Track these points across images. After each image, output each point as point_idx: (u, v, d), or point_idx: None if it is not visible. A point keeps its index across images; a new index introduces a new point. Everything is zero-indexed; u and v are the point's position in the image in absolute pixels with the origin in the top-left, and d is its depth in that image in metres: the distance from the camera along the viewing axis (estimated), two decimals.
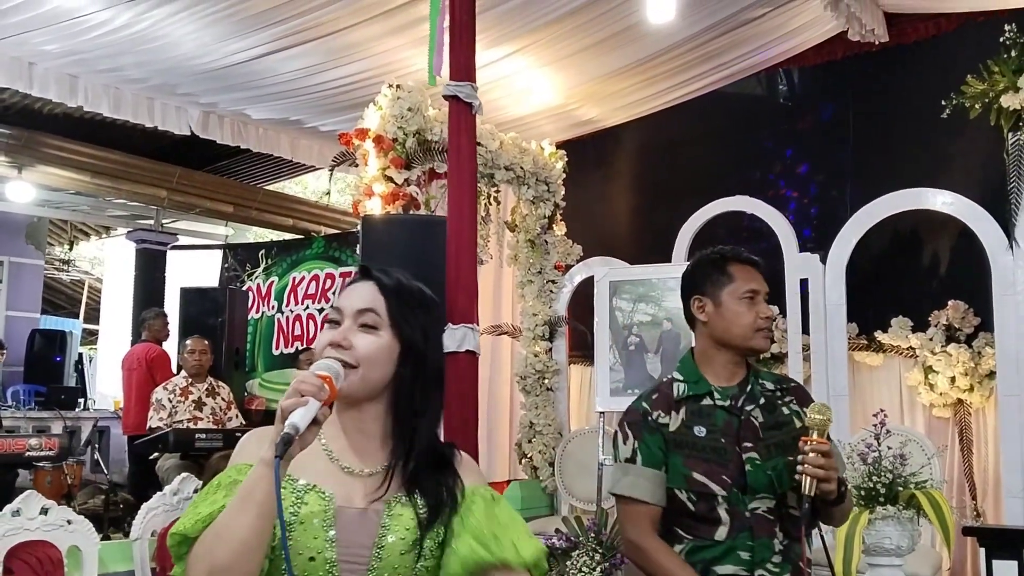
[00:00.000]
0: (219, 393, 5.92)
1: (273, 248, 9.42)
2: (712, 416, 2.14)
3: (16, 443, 4.23)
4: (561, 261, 6.29)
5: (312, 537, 1.42)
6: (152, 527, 3.62)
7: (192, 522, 1.37)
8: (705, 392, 2.17)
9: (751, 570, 2.06)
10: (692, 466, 2.11)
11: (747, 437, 2.11)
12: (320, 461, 1.49)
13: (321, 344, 1.50)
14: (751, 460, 2.08)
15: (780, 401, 2.18)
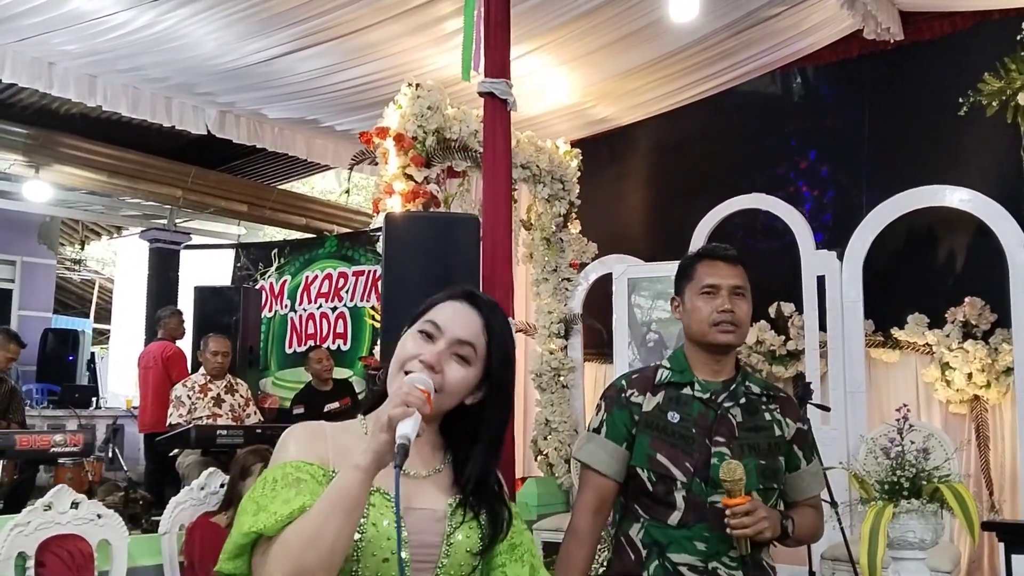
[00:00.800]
0: (237, 390, 5.95)
1: (286, 247, 9.44)
2: (689, 405, 2.16)
3: (41, 439, 4.26)
4: (576, 259, 6.32)
5: (385, 538, 1.43)
6: (180, 521, 3.66)
7: (272, 522, 1.36)
8: (687, 382, 2.19)
9: (706, 561, 2.07)
10: (657, 448, 2.12)
11: (720, 432, 2.12)
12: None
13: (409, 354, 1.50)
14: (719, 454, 2.09)
15: (764, 407, 2.19)
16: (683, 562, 2.09)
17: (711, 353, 2.19)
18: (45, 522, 3.29)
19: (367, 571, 1.42)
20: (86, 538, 3.38)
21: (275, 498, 1.40)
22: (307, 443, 1.47)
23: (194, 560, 3.48)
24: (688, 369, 2.21)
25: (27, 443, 4.19)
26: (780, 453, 2.16)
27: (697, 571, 2.08)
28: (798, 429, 2.21)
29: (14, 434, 4.34)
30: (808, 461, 2.22)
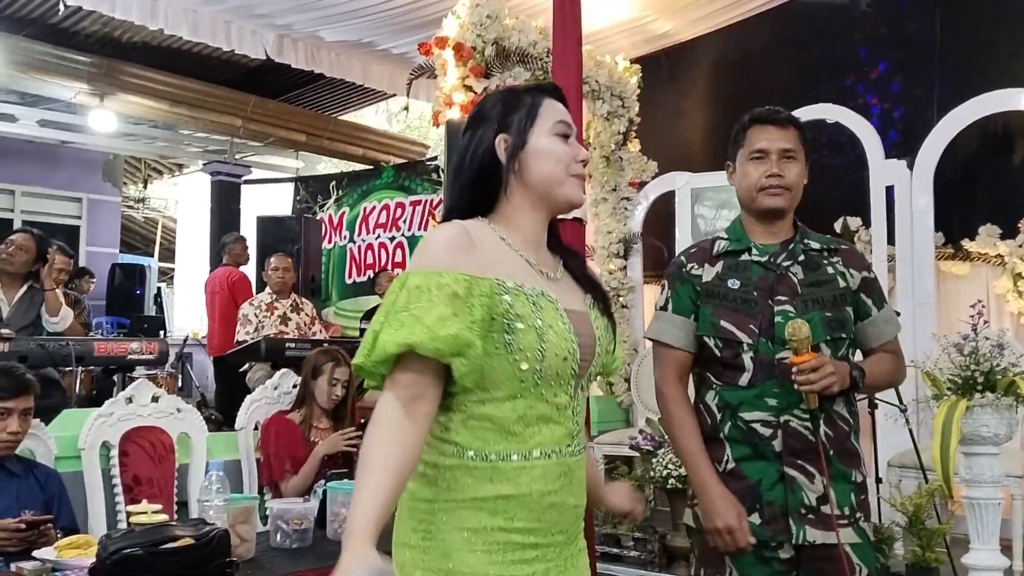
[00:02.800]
0: (303, 309, 6.06)
1: (344, 179, 9.52)
2: (748, 271, 2.17)
3: (119, 346, 4.37)
4: (636, 178, 6.26)
5: (563, 339, 1.50)
6: (255, 419, 3.76)
7: (428, 339, 1.39)
8: (744, 248, 2.20)
9: (777, 415, 2.10)
10: (721, 315, 2.16)
11: (781, 291, 2.14)
12: (524, 268, 1.55)
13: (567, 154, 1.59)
14: (783, 312, 2.11)
15: (826, 261, 2.20)
16: (755, 419, 2.13)
17: (764, 218, 2.21)
18: (127, 414, 3.41)
19: (550, 370, 1.49)
20: (167, 430, 3.50)
21: (430, 311, 1.41)
22: (461, 253, 1.47)
23: (269, 455, 3.57)
24: (744, 237, 2.22)
25: (105, 350, 4.31)
26: (847, 304, 2.17)
27: (770, 426, 2.12)
28: (863, 278, 2.21)
29: (92, 340, 4.47)
30: (879, 307, 2.22)
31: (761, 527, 2.11)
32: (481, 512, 1.47)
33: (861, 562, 2.11)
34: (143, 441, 3.43)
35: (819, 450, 2.08)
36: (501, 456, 1.47)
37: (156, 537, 2.00)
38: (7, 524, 2.56)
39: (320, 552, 2.46)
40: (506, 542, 1.47)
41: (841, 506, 2.10)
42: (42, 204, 10.75)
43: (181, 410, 3.57)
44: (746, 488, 2.13)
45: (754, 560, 2.13)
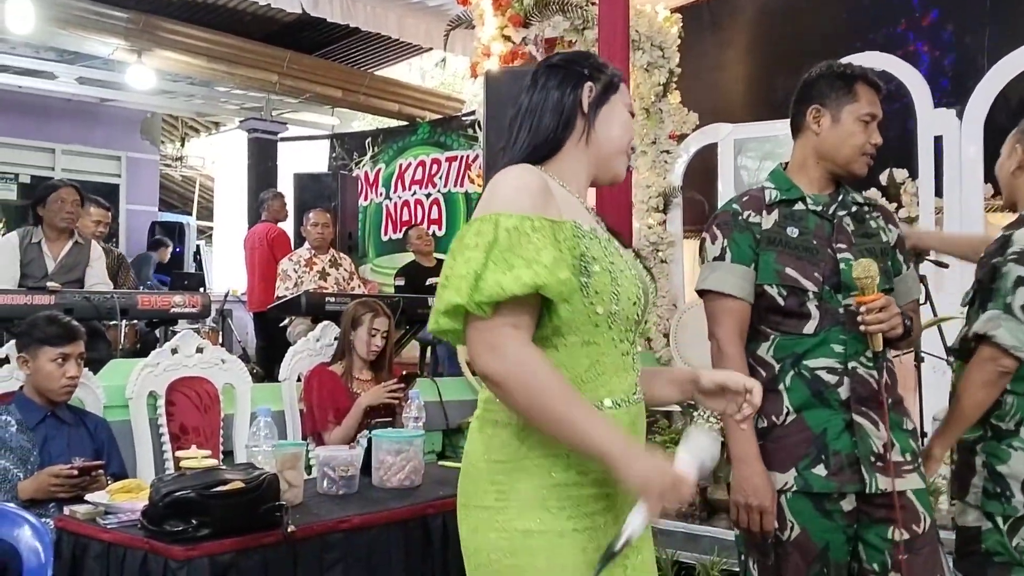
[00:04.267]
0: (341, 264, 6.08)
1: (379, 136, 9.49)
2: (804, 220, 2.15)
3: (162, 299, 4.41)
4: (676, 130, 6.16)
5: (632, 284, 1.52)
6: (298, 371, 3.79)
7: (555, 280, 1.39)
8: (797, 197, 2.17)
9: (845, 362, 2.08)
10: (784, 262, 2.12)
11: (840, 239, 2.14)
12: (587, 215, 1.56)
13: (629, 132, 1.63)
14: (845, 259, 2.10)
15: (868, 216, 2.21)
16: (821, 366, 2.09)
17: (831, 175, 2.18)
18: (172, 364, 3.45)
19: (622, 314, 1.50)
20: (211, 381, 3.54)
21: (543, 252, 1.39)
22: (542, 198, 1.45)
23: (312, 406, 3.60)
24: (795, 186, 2.19)
25: (148, 303, 4.36)
26: (887, 258, 2.20)
27: (836, 373, 2.09)
28: (898, 235, 2.25)
29: (136, 294, 4.51)
30: (908, 266, 2.25)
31: (827, 479, 2.06)
32: (555, 468, 1.46)
33: (925, 509, 2.10)
34: (189, 391, 3.47)
35: (881, 398, 2.07)
36: None
37: (207, 480, 2.02)
38: (60, 470, 2.62)
39: (367, 498, 2.47)
40: (579, 496, 1.47)
41: (904, 452, 2.09)
42: (82, 162, 10.83)
43: (225, 361, 3.61)
44: (810, 438, 2.08)
45: (815, 514, 2.08)
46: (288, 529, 2.08)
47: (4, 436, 2.76)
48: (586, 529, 1.47)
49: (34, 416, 2.82)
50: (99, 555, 2.07)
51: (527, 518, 1.44)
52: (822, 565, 2.09)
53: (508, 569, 1.45)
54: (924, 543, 2.08)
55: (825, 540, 2.08)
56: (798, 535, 2.09)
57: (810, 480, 2.08)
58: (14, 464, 2.74)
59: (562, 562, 1.44)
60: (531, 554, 1.44)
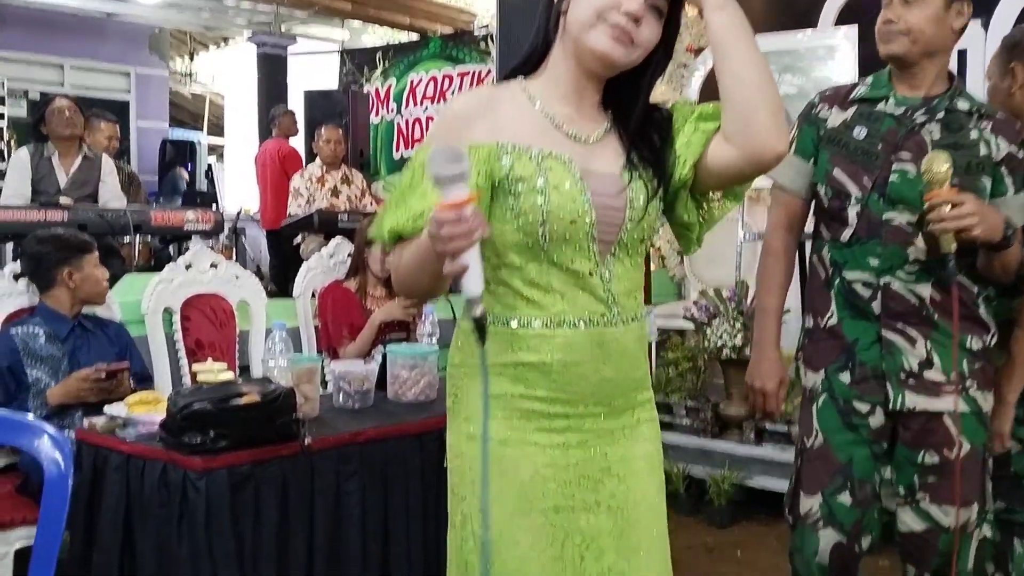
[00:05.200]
0: (353, 181, 6.05)
1: (390, 50, 9.32)
2: (879, 121, 2.06)
3: (175, 215, 4.40)
4: (693, 43, 6.02)
5: (571, 200, 1.40)
6: (312, 286, 3.79)
7: (406, 219, 1.39)
8: (882, 96, 2.08)
9: (878, 277, 2.03)
10: (836, 163, 2.07)
11: (908, 147, 2.01)
12: (542, 128, 1.44)
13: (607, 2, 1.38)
14: (901, 171, 2.00)
15: (972, 124, 2.02)
16: (856, 279, 2.06)
17: (895, 67, 2.06)
18: (187, 280, 3.46)
19: (555, 233, 1.40)
20: (226, 297, 3.55)
21: (413, 193, 1.40)
22: (465, 122, 1.42)
23: (327, 323, 3.61)
24: (888, 84, 2.08)
25: (161, 219, 4.35)
26: (984, 174, 2.00)
27: (870, 287, 2.04)
28: (1009, 153, 2.02)
29: (149, 210, 4.50)
30: (1018, 190, 2.03)
31: (850, 386, 2.07)
32: (502, 378, 1.44)
33: (964, 435, 2.01)
34: (204, 307, 3.48)
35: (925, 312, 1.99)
36: (522, 322, 1.44)
37: (224, 393, 2.03)
38: (88, 374, 2.71)
39: (382, 411, 2.50)
40: (528, 410, 1.45)
41: (946, 371, 2.00)
42: (90, 78, 10.73)
43: (239, 277, 3.61)
44: (842, 346, 2.09)
45: (841, 426, 2.08)
46: (305, 441, 2.11)
47: (35, 347, 2.82)
48: (536, 444, 1.44)
49: (62, 327, 2.88)
50: (119, 466, 2.11)
51: (474, 423, 1.45)
52: (845, 479, 2.09)
53: (456, 470, 1.50)
54: (962, 468, 2.00)
55: (848, 454, 2.08)
56: (820, 445, 2.11)
57: (834, 384, 2.09)
58: (46, 374, 2.81)
59: (501, 468, 1.43)
60: (473, 458, 1.45)
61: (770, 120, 1.36)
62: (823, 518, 2.10)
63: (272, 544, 2.05)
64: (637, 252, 1.49)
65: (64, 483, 1.57)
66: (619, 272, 1.47)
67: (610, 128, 1.50)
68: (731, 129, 1.39)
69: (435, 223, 1.22)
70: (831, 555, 2.09)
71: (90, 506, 2.16)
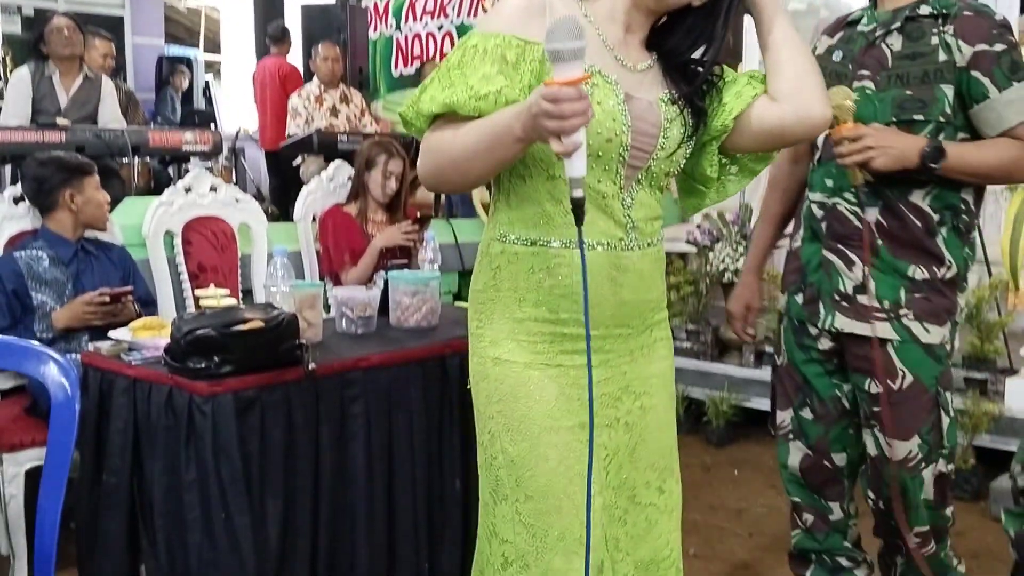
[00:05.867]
0: (352, 100, 5.98)
1: None
2: (853, 42, 2.06)
3: (173, 136, 4.37)
4: None
5: (611, 118, 1.43)
6: (312, 211, 3.79)
7: (466, 98, 1.38)
8: (860, 17, 2.08)
9: (830, 196, 2.05)
10: None
11: (867, 64, 2.00)
12: (594, 45, 1.45)
13: None
14: (860, 88, 1.98)
15: (935, 30, 1.93)
16: (815, 199, 2.10)
17: None
18: (187, 203, 3.44)
19: (590, 148, 1.38)
20: (227, 220, 3.54)
21: (474, 72, 1.38)
22: (525, 17, 1.41)
23: (328, 247, 3.61)
24: (872, 3, 2.07)
25: (160, 140, 4.32)
26: (942, 81, 1.92)
27: (825, 208, 2.08)
28: (977, 52, 1.89)
29: (147, 131, 4.46)
30: (1002, 87, 1.89)
31: (802, 307, 2.13)
32: (525, 303, 1.48)
33: (904, 365, 1.99)
34: (205, 230, 3.47)
35: (863, 236, 1.96)
36: (542, 241, 1.46)
37: (227, 319, 2.04)
38: (92, 298, 2.74)
39: (385, 337, 2.51)
40: (552, 333, 1.49)
41: (880, 298, 1.99)
42: None
43: (240, 200, 3.60)
44: (798, 267, 2.15)
45: (795, 345, 2.17)
46: (309, 366, 2.13)
47: (39, 271, 2.83)
48: (560, 366, 1.49)
49: (66, 251, 2.89)
50: (125, 389, 2.13)
51: (498, 347, 1.50)
52: (805, 396, 2.16)
53: (481, 392, 1.54)
54: (901, 399, 1.99)
55: (804, 372, 2.15)
56: (785, 363, 2.21)
57: (791, 305, 2.17)
58: (51, 298, 2.83)
59: (527, 390, 1.48)
60: (499, 380, 1.50)
61: (820, 88, 1.52)
62: (793, 431, 2.20)
63: (278, 466, 2.09)
64: (660, 184, 1.53)
65: (71, 408, 1.60)
66: (641, 199, 1.50)
67: (653, 64, 1.53)
68: (786, 88, 1.48)
69: (554, 100, 1.21)
70: (801, 467, 2.19)
71: (98, 428, 2.19)
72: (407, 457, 2.34)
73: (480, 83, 1.37)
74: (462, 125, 1.39)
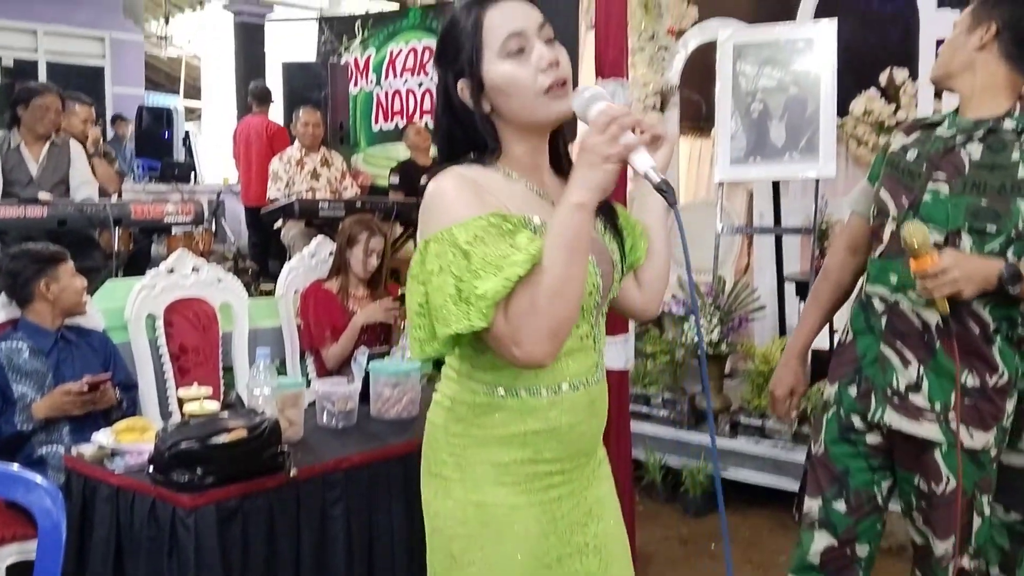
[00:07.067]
0: (332, 163, 6.04)
1: (369, 20, 9.22)
2: (930, 143, 2.09)
3: (155, 208, 4.41)
4: (675, 25, 6.00)
5: (588, 273, 1.42)
6: (294, 286, 3.82)
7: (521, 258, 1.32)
8: (942, 120, 2.12)
9: (893, 293, 2.07)
10: (885, 183, 2.13)
11: (944, 167, 2.03)
12: (533, 201, 1.46)
13: (527, 77, 1.40)
14: (934, 191, 2.02)
15: (1016, 144, 1.98)
16: (875, 292, 2.12)
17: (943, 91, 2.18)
18: (169, 285, 3.47)
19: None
20: (208, 300, 3.57)
21: (495, 248, 1.33)
22: (475, 198, 1.38)
23: (309, 323, 3.64)
24: (954, 111, 2.10)
25: (142, 213, 4.35)
26: (1019, 196, 1.96)
27: (886, 303, 2.10)
28: None
29: (129, 203, 4.50)
30: None
31: (856, 399, 2.14)
32: (511, 447, 1.48)
33: (950, 470, 2.03)
34: (187, 311, 3.50)
35: (926, 339, 2.02)
36: (531, 392, 1.47)
37: (210, 430, 2.07)
38: (71, 388, 2.75)
39: (365, 432, 2.55)
40: (534, 472, 1.50)
41: (932, 400, 2.03)
42: (65, 44, 10.58)
43: (222, 279, 3.63)
44: (852, 359, 2.16)
45: (838, 438, 2.17)
46: (291, 473, 2.16)
47: (19, 362, 2.84)
48: (540, 503, 1.50)
49: (46, 341, 2.90)
50: (108, 497, 2.16)
51: (481, 491, 1.48)
52: (841, 487, 2.17)
53: (460, 537, 1.50)
54: (943, 503, 2.05)
55: (845, 464, 2.16)
56: (822, 453, 2.21)
57: (843, 397, 2.17)
58: (31, 389, 2.84)
59: (512, 532, 1.48)
60: (482, 524, 1.48)
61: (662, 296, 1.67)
62: (819, 520, 2.21)
63: (261, 573, 2.11)
64: (607, 307, 1.57)
65: (58, 534, 1.62)
66: (602, 330, 1.55)
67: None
68: (649, 288, 1.63)
69: (611, 118, 1.30)
70: (822, 556, 2.20)
71: (80, 534, 2.20)
72: (387, 556, 2.37)
73: (509, 249, 1.33)
74: (526, 277, 1.34)
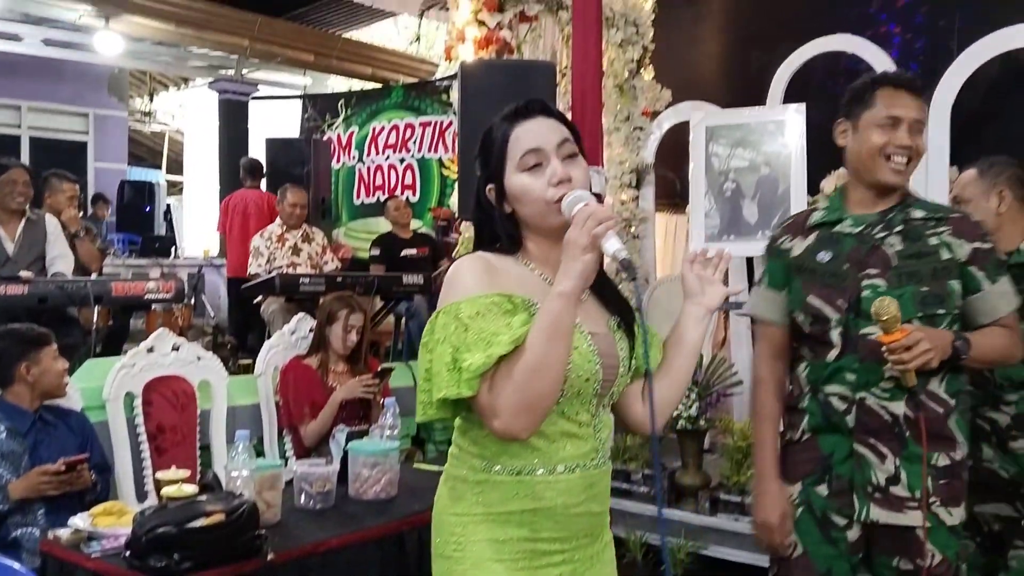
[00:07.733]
0: (314, 239, 6.09)
1: (352, 98, 9.38)
2: (840, 243, 2.13)
3: (135, 286, 4.42)
4: (649, 107, 6.17)
5: (587, 361, 1.53)
6: (274, 363, 3.84)
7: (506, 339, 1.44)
8: (838, 219, 2.15)
9: (854, 392, 2.08)
10: (809, 290, 2.13)
11: (873, 264, 2.08)
12: (542, 287, 1.55)
13: (539, 190, 1.54)
14: (871, 286, 2.06)
15: (930, 231, 2.07)
16: (833, 392, 2.12)
17: (872, 189, 2.12)
18: (149, 364, 3.48)
19: (571, 390, 1.52)
20: (187, 379, 3.58)
21: (490, 325, 1.46)
22: (487, 278, 1.52)
23: (289, 400, 3.66)
24: (842, 207, 2.16)
25: (122, 290, 4.36)
26: (950, 277, 2.06)
27: (846, 400, 2.10)
28: (975, 249, 2.07)
29: (109, 281, 4.51)
30: (993, 280, 2.08)
31: (827, 499, 2.13)
32: (508, 524, 1.54)
33: (935, 547, 2.06)
34: (166, 390, 3.50)
35: (896, 431, 2.05)
36: (527, 470, 1.53)
37: (188, 514, 2.07)
38: (47, 468, 2.73)
39: (343, 513, 2.55)
40: (532, 550, 1.55)
41: (912, 488, 2.06)
42: (48, 120, 10.68)
43: (201, 357, 3.64)
44: (818, 458, 2.15)
45: (820, 539, 2.14)
46: (267, 557, 2.15)
47: None
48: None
49: (23, 422, 2.89)
50: None
51: (481, 569, 1.54)
52: None
53: None
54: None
55: (828, 565, 2.14)
56: (800, 555, 2.17)
57: (811, 496, 2.15)
58: (7, 470, 2.82)
59: None
60: None
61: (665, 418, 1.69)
62: None
63: None
64: (614, 401, 1.64)
65: None
66: (604, 420, 1.62)
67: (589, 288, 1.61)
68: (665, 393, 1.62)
69: (589, 215, 1.43)
70: None
71: None
72: None
73: (503, 328, 1.45)
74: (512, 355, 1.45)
